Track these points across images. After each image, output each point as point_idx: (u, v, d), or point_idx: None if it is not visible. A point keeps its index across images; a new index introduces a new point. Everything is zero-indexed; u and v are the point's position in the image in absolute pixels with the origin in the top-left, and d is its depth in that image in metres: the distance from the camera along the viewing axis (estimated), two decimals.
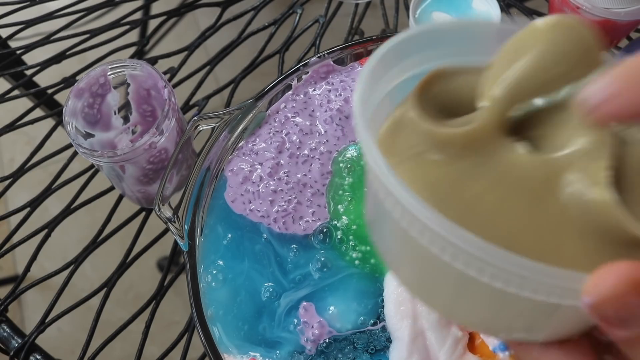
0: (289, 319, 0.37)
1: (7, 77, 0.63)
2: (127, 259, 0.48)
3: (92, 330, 0.45)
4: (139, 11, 0.60)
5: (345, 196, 0.41)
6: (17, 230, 0.49)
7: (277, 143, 0.42)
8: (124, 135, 0.48)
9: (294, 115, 0.43)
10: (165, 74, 0.55)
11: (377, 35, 0.45)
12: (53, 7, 0.59)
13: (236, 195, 0.41)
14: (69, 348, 0.65)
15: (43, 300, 0.60)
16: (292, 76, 0.44)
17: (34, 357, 0.44)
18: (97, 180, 0.51)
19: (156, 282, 0.46)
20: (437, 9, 0.51)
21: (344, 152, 0.42)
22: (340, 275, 0.38)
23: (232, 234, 0.40)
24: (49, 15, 0.58)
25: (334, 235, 0.39)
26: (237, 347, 0.37)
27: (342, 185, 0.41)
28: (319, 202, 0.41)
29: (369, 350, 0.36)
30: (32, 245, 0.48)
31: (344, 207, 0.40)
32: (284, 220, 0.40)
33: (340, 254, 0.39)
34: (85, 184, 0.51)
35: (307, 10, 0.59)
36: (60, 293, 0.47)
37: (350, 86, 0.43)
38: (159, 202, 0.40)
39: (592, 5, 0.47)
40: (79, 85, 0.44)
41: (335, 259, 0.39)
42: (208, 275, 0.39)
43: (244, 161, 0.42)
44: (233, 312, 0.38)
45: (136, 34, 0.92)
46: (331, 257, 0.39)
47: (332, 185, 0.41)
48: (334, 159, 0.42)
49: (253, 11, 0.59)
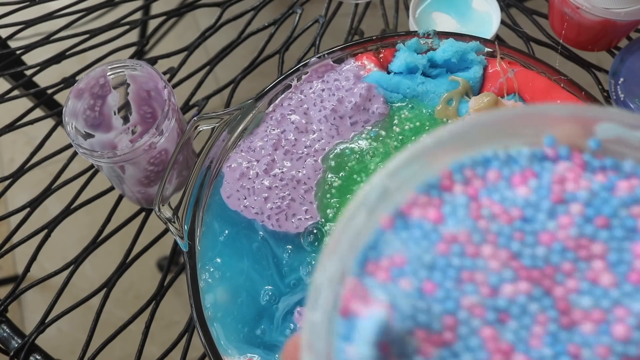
0: (285, 323, 0.37)
1: (7, 77, 0.63)
2: (127, 259, 0.48)
3: (92, 330, 0.45)
4: (139, 11, 0.60)
5: (333, 202, 0.41)
6: (17, 231, 0.49)
7: (274, 140, 0.42)
8: (124, 135, 0.48)
9: (290, 113, 0.43)
10: (165, 74, 0.55)
11: (377, 36, 0.45)
12: (53, 7, 0.59)
13: (232, 191, 0.41)
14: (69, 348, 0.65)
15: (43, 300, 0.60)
16: (292, 76, 0.44)
17: (34, 357, 0.44)
18: (97, 181, 0.51)
19: (156, 282, 0.46)
20: (437, 9, 0.51)
21: (334, 149, 0.42)
22: None
23: (229, 230, 0.40)
24: (49, 15, 0.58)
25: (323, 239, 0.39)
26: (236, 349, 0.37)
27: (331, 187, 0.41)
28: (312, 200, 0.41)
29: None
30: (32, 246, 0.48)
31: (332, 212, 0.40)
32: (277, 217, 0.40)
33: None
34: (85, 184, 0.51)
35: (307, 10, 0.59)
36: (60, 293, 0.47)
37: (344, 86, 0.43)
38: (159, 203, 0.40)
39: (592, 5, 0.47)
40: (78, 85, 0.44)
41: None
42: (206, 273, 0.39)
43: (241, 157, 0.42)
44: (233, 314, 0.38)
45: (136, 34, 0.92)
46: None
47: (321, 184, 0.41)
48: (324, 155, 0.42)
49: (253, 11, 0.59)
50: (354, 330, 0.19)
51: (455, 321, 0.20)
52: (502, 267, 0.20)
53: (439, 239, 0.21)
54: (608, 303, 0.20)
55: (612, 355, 0.19)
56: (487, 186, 0.21)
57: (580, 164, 0.21)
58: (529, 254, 0.20)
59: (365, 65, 0.44)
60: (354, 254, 0.21)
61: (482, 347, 0.19)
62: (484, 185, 0.21)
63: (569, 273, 0.20)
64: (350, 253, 0.21)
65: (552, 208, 0.21)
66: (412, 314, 0.20)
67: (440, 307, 0.20)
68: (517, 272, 0.20)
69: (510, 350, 0.19)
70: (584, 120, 0.22)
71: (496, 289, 0.20)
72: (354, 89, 0.43)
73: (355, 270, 0.20)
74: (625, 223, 0.20)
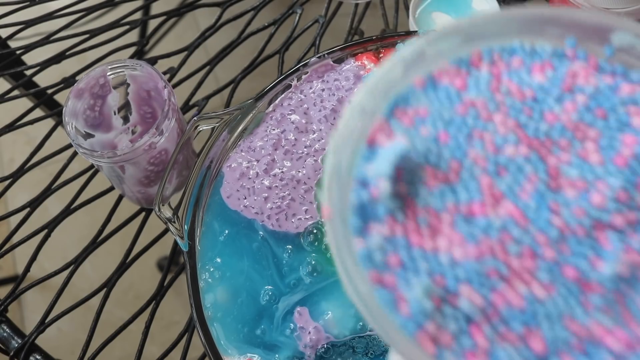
0: (285, 323, 0.37)
1: (7, 77, 0.63)
2: (127, 259, 0.48)
3: (92, 330, 0.45)
4: (139, 11, 0.60)
5: None
6: (17, 231, 0.49)
7: (274, 140, 0.42)
8: (124, 135, 0.48)
9: (290, 113, 0.43)
10: (165, 74, 0.55)
11: (377, 36, 0.45)
12: (53, 7, 0.59)
13: (232, 191, 0.41)
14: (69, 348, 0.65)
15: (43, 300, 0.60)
16: (292, 76, 0.44)
17: (34, 357, 0.44)
18: (97, 181, 0.51)
19: (156, 282, 0.46)
20: (437, 9, 0.51)
21: None
22: (331, 280, 0.38)
23: (229, 229, 0.40)
24: (49, 15, 0.58)
25: (323, 239, 0.39)
26: (236, 349, 0.37)
27: None
28: (312, 199, 0.41)
29: (368, 354, 0.36)
30: (32, 245, 0.48)
31: None
32: (277, 217, 0.40)
33: (328, 260, 0.39)
34: (85, 184, 0.51)
35: (307, 10, 0.59)
36: (60, 293, 0.47)
37: (344, 85, 0.43)
38: (159, 202, 0.40)
39: (592, 5, 0.47)
40: (78, 85, 0.44)
41: (325, 263, 0.39)
42: (206, 273, 0.39)
43: (241, 157, 0.42)
44: (233, 314, 0.38)
45: (136, 34, 0.92)
46: (321, 261, 0.39)
47: (320, 183, 0.41)
48: (324, 155, 0.42)
49: (253, 11, 0.59)
50: (376, 156, 0.23)
51: (460, 166, 0.23)
52: (508, 132, 0.24)
53: (459, 102, 0.24)
54: (592, 177, 0.23)
55: (586, 217, 0.22)
56: (510, 69, 0.25)
57: (594, 66, 0.25)
58: (533, 127, 0.24)
59: (365, 65, 0.44)
60: (387, 100, 0.24)
61: (478, 190, 0.23)
62: (507, 69, 0.25)
63: (564, 148, 0.24)
64: (384, 98, 0.24)
65: (561, 95, 0.24)
66: (425, 153, 0.23)
67: (449, 153, 0.24)
68: (520, 138, 0.24)
69: (500, 197, 0.23)
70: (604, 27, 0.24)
71: (500, 148, 0.23)
72: (354, 89, 0.43)
73: (385, 112, 0.24)
74: (620, 117, 0.24)
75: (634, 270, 0.22)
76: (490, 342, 0.21)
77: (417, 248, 0.22)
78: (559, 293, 0.21)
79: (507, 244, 0.22)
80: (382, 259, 0.22)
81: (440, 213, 0.22)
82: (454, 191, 0.23)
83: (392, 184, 0.22)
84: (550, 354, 0.21)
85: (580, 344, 0.21)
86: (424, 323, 0.21)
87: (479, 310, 0.21)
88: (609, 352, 0.21)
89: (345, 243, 0.22)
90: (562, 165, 0.23)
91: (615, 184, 0.22)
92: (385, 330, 0.21)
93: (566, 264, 0.22)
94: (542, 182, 0.23)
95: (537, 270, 0.22)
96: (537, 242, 0.22)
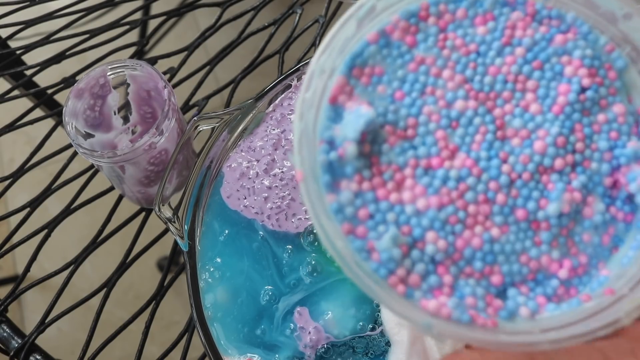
0: (285, 323, 0.37)
1: (7, 77, 0.63)
2: (127, 259, 0.48)
3: (92, 330, 0.45)
4: (139, 11, 0.60)
5: None
6: (17, 231, 0.49)
7: (274, 140, 0.42)
8: (124, 135, 0.48)
9: (290, 113, 0.43)
10: (165, 74, 0.55)
11: None
12: (53, 7, 0.59)
13: (232, 191, 0.41)
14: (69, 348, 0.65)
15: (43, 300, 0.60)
16: (292, 76, 0.44)
17: (34, 357, 0.44)
18: (97, 181, 0.51)
19: (156, 282, 0.46)
20: None
21: None
22: (331, 280, 0.38)
23: (229, 229, 0.40)
24: (49, 15, 0.58)
25: None
26: (236, 349, 0.37)
27: None
28: None
29: (368, 354, 0.36)
30: (32, 246, 0.48)
31: None
32: (277, 217, 0.40)
33: (328, 260, 0.39)
34: (85, 184, 0.51)
35: (307, 10, 0.59)
36: (60, 293, 0.47)
37: None
38: (159, 202, 0.40)
39: None
40: (78, 85, 0.44)
41: (325, 263, 0.39)
42: (206, 273, 0.39)
43: (241, 157, 0.42)
44: (233, 314, 0.38)
45: (136, 34, 0.92)
46: (321, 261, 0.39)
47: None
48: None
49: (253, 11, 0.59)
50: (341, 119, 0.25)
51: (416, 122, 0.25)
52: (457, 87, 0.26)
53: (411, 60, 0.26)
54: (533, 125, 0.25)
55: (531, 163, 0.25)
56: (455, 22, 0.27)
57: (531, 13, 0.27)
58: (478, 80, 0.26)
59: None
60: (343, 57, 0.26)
61: (434, 144, 0.25)
62: (452, 21, 0.27)
63: (507, 99, 0.26)
64: (340, 55, 0.26)
65: (501, 48, 0.26)
66: (384, 112, 0.25)
67: (406, 111, 0.26)
68: (468, 93, 0.26)
69: (456, 150, 0.25)
70: None
71: (451, 103, 0.26)
72: None
73: (343, 70, 0.26)
74: (554, 68, 0.26)
75: (576, 207, 0.25)
76: (455, 278, 0.24)
77: (384, 201, 0.24)
78: (512, 232, 0.25)
79: (464, 192, 0.24)
80: (352, 213, 0.24)
81: (402, 168, 0.25)
82: (413, 147, 0.25)
83: (358, 146, 0.24)
84: (507, 285, 0.24)
85: (533, 275, 0.25)
86: (394, 268, 0.23)
87: (444, 253, 0.24)
88: (557, 279, 0.25)
89: (318, 199, 0.23)
90: (506, 116, 0.26)
91: (554, 131, 0.25)
92: (359, 277, 0.23)
93: (517, 207, 0.25)
94: (491, 133, 0.25)
95: (492, 214, 0.25)
96: (490, 189, 0.25)
